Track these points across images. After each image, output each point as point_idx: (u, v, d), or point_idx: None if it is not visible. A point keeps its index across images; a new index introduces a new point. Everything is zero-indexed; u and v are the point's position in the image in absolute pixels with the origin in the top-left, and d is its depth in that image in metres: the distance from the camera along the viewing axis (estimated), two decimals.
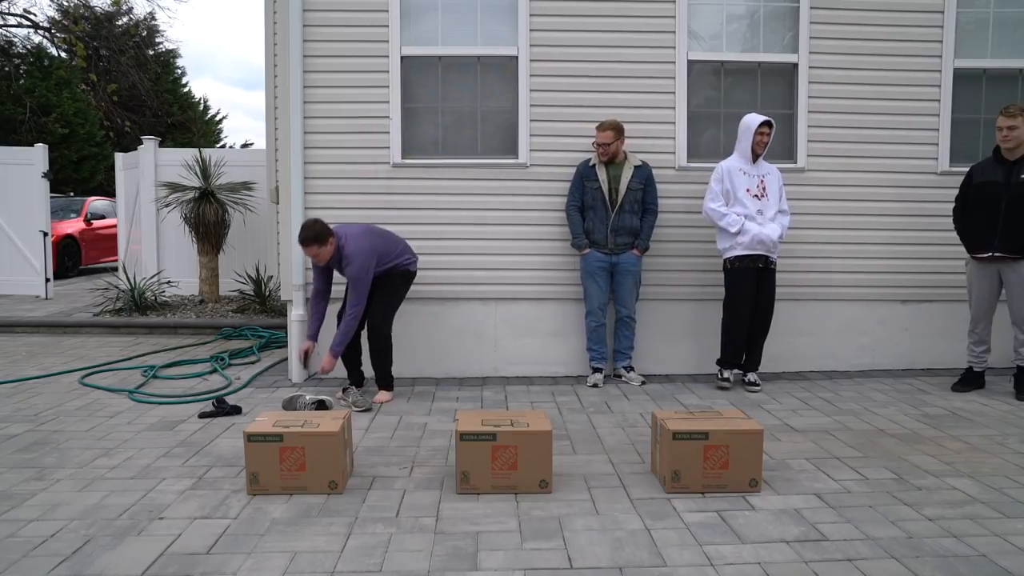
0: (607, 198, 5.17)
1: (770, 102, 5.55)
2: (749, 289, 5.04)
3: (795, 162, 5.54)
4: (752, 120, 4.96)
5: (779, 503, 3.18)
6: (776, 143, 5.52)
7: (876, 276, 5.63)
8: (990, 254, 4.81)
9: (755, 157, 5.02)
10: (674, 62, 5.43)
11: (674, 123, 5.47)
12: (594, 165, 5.19)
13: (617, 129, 5.11)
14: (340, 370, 5.51)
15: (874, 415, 4.53)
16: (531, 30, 5.37)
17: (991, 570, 2.60)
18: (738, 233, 4.96)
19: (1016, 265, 4.75)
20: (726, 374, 5.21)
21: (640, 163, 5.24)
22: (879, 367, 5.71)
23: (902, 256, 5.63)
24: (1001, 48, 5.59)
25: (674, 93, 5.45)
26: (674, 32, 5.41)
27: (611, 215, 5.18)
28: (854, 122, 5.53)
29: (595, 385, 5.25)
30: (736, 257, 5.02)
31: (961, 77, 5.57)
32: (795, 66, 5.49)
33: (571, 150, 5.41)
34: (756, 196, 5.00)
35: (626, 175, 5.16)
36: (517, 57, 5.38)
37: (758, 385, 5.14)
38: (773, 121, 5.00)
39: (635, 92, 5.44)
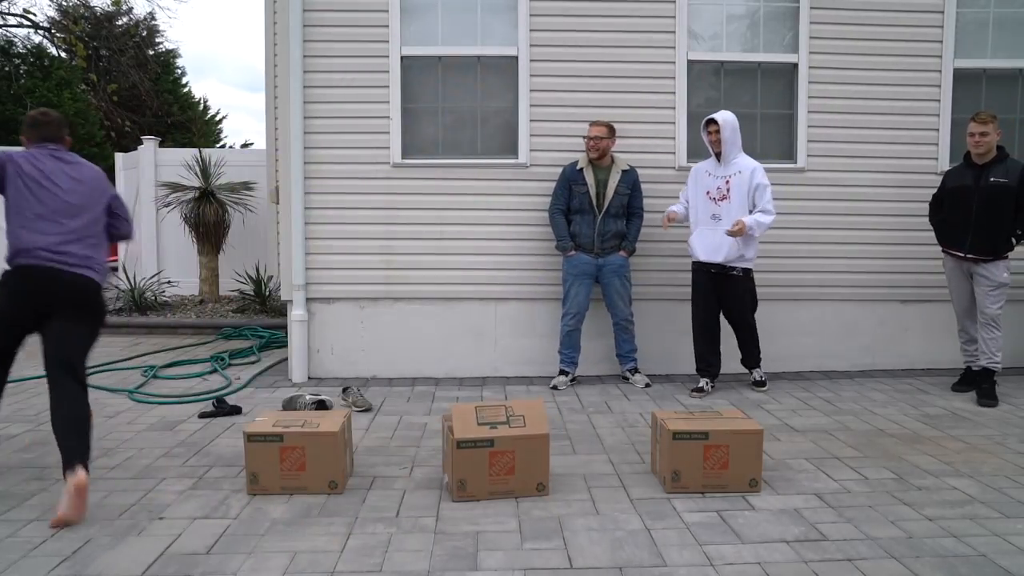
0: (594, 202, 5.13)
1: (770, 102, 5.55)
2: (701, 293, 5.03)
3: (795, 162, 5.54)
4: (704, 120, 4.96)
5: (779, 503, 3.18)
6: (776, 143, 5.53)
7: (876, 276, 5.63)
8: (963, 255, 4.88)
9: (717, 156, 4.94)
10: (674, 62, 5.43)
11: (674, 123, 5.47)
12: (581, 168, 5.16)
13: (610, 128, 5.11)
14: (341, 370, 5.52)
15: (874, 415, 4.53)
16: (531, 30, 5.37)
17: (991, 570, 2.60)
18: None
19: (987, 266, 4.81)
20: (700, 383, 5.08)
21: (627, 168, 5.20)
22: (879, 367, 5.70)
23: (902, 256, 5.63)
24: (1001, 48, 5.59)
25: (674, 93, 5.45)
26: (674, 32, 5.41)
27: (598, 219, 5.15)
28: (854, 122, 5.53)
29: (556, 387, 5.18)
30: (692, 262, 5.09)
31: (961, 77, 5.57)
32: (795, 66, 5.49)
33: (571, 150, 5.40)
34: (715, 199, 4.90)
35: (613, 179, 5.14)
36: (517, 57, 5.38)
37: (763, 383, 5.12)
38: (717, 118, 4.86)
39: (635, 92, 5.44)
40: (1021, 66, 5.60)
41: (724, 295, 5.00)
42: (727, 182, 4.88)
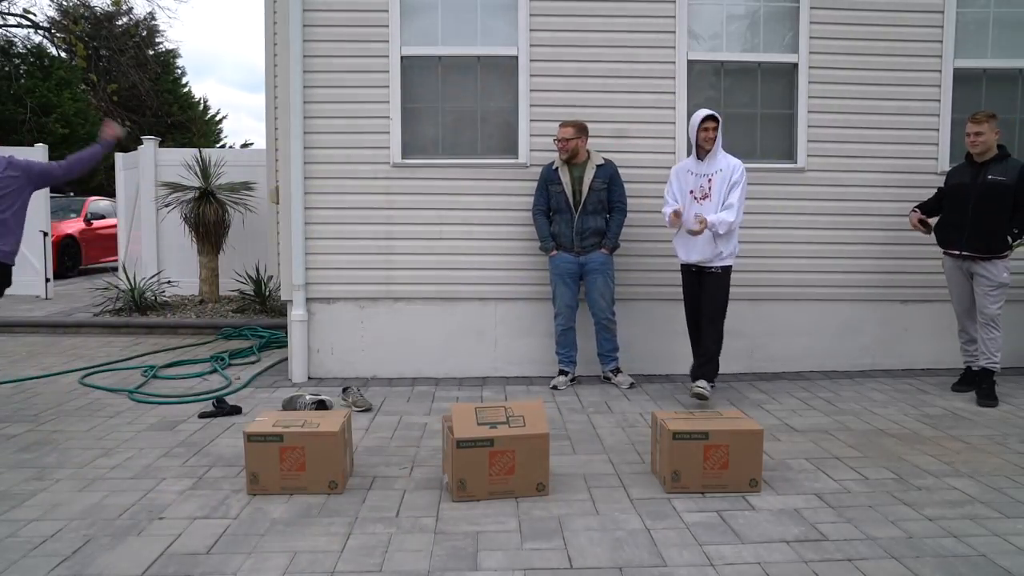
0: (571, 200, 5.12)
1: (770, 102, 5.55)
2: (688, 293, 4.98)
3: (795, 162, 5.54)
4: (697, 116, 4.74)
5: (779, 503, 3.18)
6: (776, 143, 5.53)
7: (876, 276, 5.63)
8: (959, 252, 4.89)
9: (702, 154, 4.78)
10: (674, 62, 5.43)
11: (674, 123, 5.46)
12: (556, 168, 5.16)
13: (579, 127, 5.07)
14: (341, 370, 5.52)
15: (874, 415, 4.53)
16: (531, 30, 5.37)
17: (991, 570, 2.60)
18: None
19: (987, 265, 4.81)
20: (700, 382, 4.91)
21: (603, 162, 5.17)
22: (879, 367, 5.70)
23: (902, 256, 5.62)
24: (1001, 48, 5.59)
25: (674, 93, 5.45)
26: (674, 32, 5.41)
27: (575, 217, 5.13)
28: (854, 122, 5.53)
29: (556, 387, 5.19)
30: (680, 263, 5.01)
31: (961, 77, 5.57)
32: (795, 66, 5.49)
33: None
34: (697, 198, 4.78)
35: (588, 175, 5.11)
36: (517, 57, 5.38)
37: (703, 394, 4.57)
38: (718, 115, 4.74)
39: (635, 92, 5.44)
40: (1021, 66, 5.60)
41: (702, 291, 4.88)
42: (709, 180, 4.76)
